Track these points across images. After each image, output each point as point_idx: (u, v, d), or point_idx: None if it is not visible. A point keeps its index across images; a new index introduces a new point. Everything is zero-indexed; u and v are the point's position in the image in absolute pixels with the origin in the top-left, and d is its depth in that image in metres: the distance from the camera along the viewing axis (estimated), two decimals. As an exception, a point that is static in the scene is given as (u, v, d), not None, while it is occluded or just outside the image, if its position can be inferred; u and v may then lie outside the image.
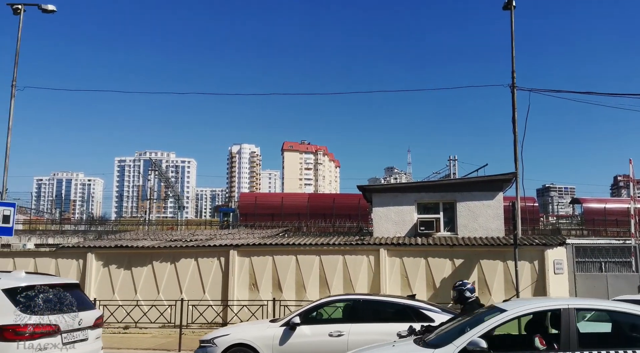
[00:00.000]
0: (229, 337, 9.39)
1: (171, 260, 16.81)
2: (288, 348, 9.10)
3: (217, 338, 9.44)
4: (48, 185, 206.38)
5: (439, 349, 5.87)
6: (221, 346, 9.27)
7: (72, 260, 16.98)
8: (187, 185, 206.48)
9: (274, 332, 9.24)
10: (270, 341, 9.15)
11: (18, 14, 19.46)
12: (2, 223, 16.99)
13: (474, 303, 8.78)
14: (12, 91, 19.48)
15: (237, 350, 9.24)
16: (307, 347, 9.05)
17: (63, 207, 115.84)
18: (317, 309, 9.73)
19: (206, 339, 9.62)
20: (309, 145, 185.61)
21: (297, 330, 9.17)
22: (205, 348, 9.44)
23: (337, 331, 9.02)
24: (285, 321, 9.39)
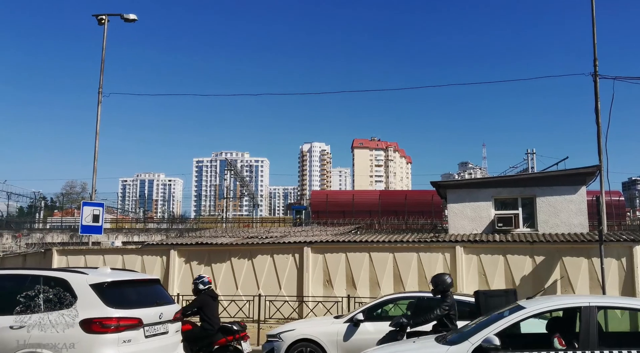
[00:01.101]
0: (294, 332, 9.60)
1: (248, 257, 17.27)
2: (351, 344, 9.16)
3: (283, 333, 9.69)
4: (132, 185, 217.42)
5: (454, 346, 5.89)
6: (287, 341, 9.50)
7: (157, 257, 17.80)
8: (261, 183, 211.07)
9: (337, 328, 9.34)
10: (334, 337, 9.26)
11: (102, 25, 20.65)
12: (93, 222, 18.20)
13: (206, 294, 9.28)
14: (99, 97, 20.71)
15: (302, 345, 9.42)
16: (370, 343, 9.00)
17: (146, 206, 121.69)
18: (380, 306, 9.76)
19: (273, 334, 9.90)
20: (379, 141, 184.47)
21: (361, 327, 9.23)
22: (272, 342, 9.71)
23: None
24: (349, 317, 9.47)
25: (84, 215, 17.74)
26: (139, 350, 7.19)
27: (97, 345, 6.80)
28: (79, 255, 18.00)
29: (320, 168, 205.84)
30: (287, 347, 9.45)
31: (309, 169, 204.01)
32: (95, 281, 7.29)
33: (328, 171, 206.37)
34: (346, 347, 9.19)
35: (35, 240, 42.30)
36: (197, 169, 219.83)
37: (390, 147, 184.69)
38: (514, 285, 15.33)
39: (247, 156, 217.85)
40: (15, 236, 44.97)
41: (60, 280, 7.32)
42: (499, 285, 15.36)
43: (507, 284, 15.42)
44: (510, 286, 15.36)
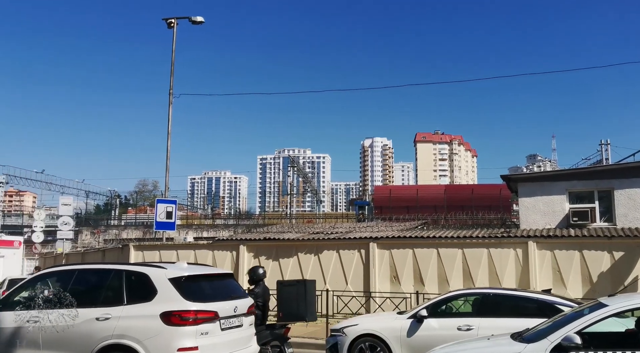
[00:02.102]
0: (357, 327, 9.62)
1: (314, 252, 17.42)
2: (415, 340, 9.09)
3: (346, 328, 9.72)
4: (200, 183, 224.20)
5: (532, 344, 5.67)
6: (350, 335, 9.52)
7: (227, 252, 18.29)
8: (323, 180, 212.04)
9: (401, 324, 9.28)
10: (398, 333, 9.20)
11: (171, 28, 21.36)
12: (166, 218, 18.88)
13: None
14: (170, 99, 21.48)
15: (365, 340, 9.41)
16: (435, 339, 8.87)
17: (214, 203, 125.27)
18: (445, 302, 9.62)
19: (336, 328, 9.95)
20: (442, 135, 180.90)
21: (425, 323, 9.13)
22: (335, 337, 9.77)
23: (466, 325, 8.82)
24: (412, 313, 9.39)
25: (158, 212, 18.45)
26: (215, 342, 7.36)
27: (176, 336, 7.02)
28: (154, 250, 18.77)
29: (382, 163, 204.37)
30: (350, 342, 9.49)
31: (371, 164, 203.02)
32: (173, 275, 7.51)
33: (390, 166, 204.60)
34: (409, 343, 9.14)
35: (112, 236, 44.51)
36: (261, 166, 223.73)
37: (454, 140, 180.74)
38: (591, 282, 14.66)
39: (308, 153, 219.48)
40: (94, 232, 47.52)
41: (141, 275, 7.62)
42: (575, 282, 14.75)
43: (583, 281, 14.78)
44: (587, 283, 14.70)
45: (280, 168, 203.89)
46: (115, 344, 7.12)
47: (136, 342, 7.02)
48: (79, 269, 8.40)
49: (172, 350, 6.97)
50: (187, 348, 7.03)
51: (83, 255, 27.08)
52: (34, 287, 8.61)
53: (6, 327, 7.75)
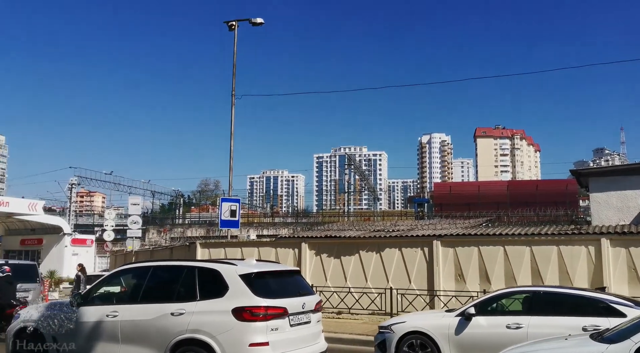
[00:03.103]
0: (405, 324, 9.60)
1: (376, 250, 17.33)
2: (463, 338, 8.98)
3: (394, 325, 9.71)
4: (259, 182, 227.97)
5: (614, 345, 5.45)
6: (398, 332, 9.49)
7: (289, 249, 18.48)
8: (380, 177, 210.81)
9: (449, 322, 9.18)
10: (446, 330, 9.11)
11: (232, 30, 21.78)
12: (230, 217, 19.32)
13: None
14: (232, 100, 21.92)
15: (413, 337, 9.37)
16: (483, 338, 8.83)
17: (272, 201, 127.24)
18: (494, 300, 9.45)
19: (385, 325, 9.96)
20: (503, 129, 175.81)
21: (473, 321, 9.01)
22: (384, 333, 9.77)
23: (516, 323, 8.63)
24: (460, 311, 9.30)
25: (223, 211, 18.91)
26: (285, 338, 7.45)
27: (248, 332, 7.15)
28: (220, 248, 19.23)
29: (441, 159, 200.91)
30: (398, 339, 9.47)
31: (429, 161, 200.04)
32: (243, 272, 7.65)
33: (449, 162, 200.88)
34: (458, 341, 9.04)
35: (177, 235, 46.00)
36: (317, 164, 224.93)
37: (516, 135, 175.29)
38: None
39: (365, 150, 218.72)
40: (161, 231, 49.26)
41: (213, 271, 7.80)
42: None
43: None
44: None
45: (336, 166, 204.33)
46: (189, 339, 7.31)
47: (210, 337, 7.19)
48: (154, 266, 8.66)
49: (244, 345, 7.11)
50: (259, 344, 7.14)
51: (152, 253, 28.09)
52: (113, 282, 9.02)
53: (88, 321, 8.12)
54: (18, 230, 42.11)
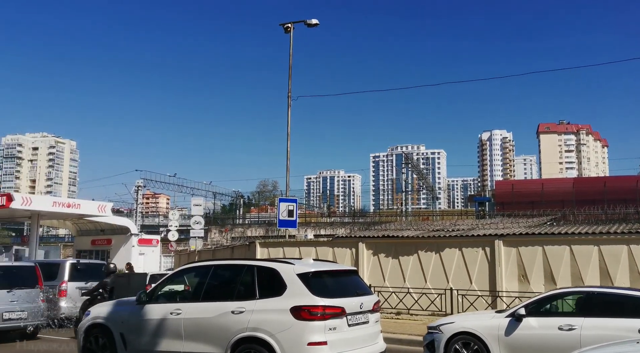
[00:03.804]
0: (454, 324, 9.49)
1: (435, 250, 17.06)
2: (514, 339, 8.80)
3: (443, 325, 9.60)
4: (315, 182, 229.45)
5: None
6: (447, 333, 9.38)
7: (346, 249, 18.49)
8: (438, 176, 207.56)
9: (499, 322, 9.01)
10: (496, 331, 8.94)
11: (288, 32, 22.02)
12: (288, 216, 19.55)
13: None
14: (288, 101, 22.16)
15: (462, 337, 9.25)
16: (534, 339, 8.64)
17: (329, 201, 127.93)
18: (545, 301, 9.23)
19: (433, 325, 9.87)
20: (568, 125, 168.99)
21: (524, 322, 8.82)
22: (432, 334, 9.68)
23: (568, 325, 8.37)
24: (510, 312, 9.13)
25: (280, 211, 19.17)
26: (343, 338, 7.45)
27: (306, 331, 7.21)
28: (278, 247, 19.49)
29: (502, 157, 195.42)
30: (447, 339, 9.36)
31: (490, 159, 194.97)
32: (301, 271, 7.71)
33: (511, 160, 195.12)
34: (508, 342, 8.85)
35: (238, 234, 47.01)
36: (374, 164, 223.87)
37: (581, 130, 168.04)
38: None
39: (422, 149, 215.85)
40: (222, 231, 50.50)
41: (271, 270, 7.91)
42: None
43: None
44: None
45: (393, 165, 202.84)
46: (249, 337, 7.43)
47: (269, 335, 7.29)
48: (215, 265, 8.88)
49: (302, 344, 7.16)
50: (317, 343, 7.18)
51: (214, 252, 28.83)
52: (176, 281, 9.32)
53: (152, 319, 8.42)
54: (89, 231, 44.15)
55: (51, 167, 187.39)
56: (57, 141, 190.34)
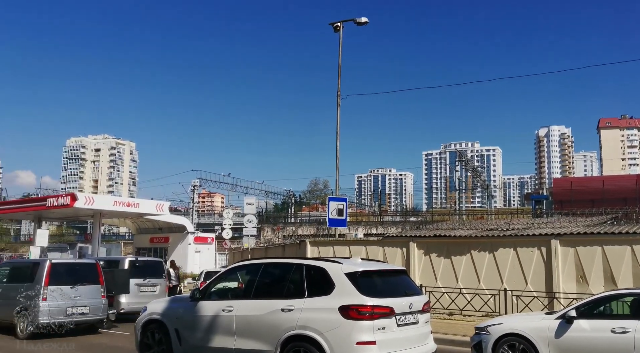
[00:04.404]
0: (502, 325, 9.32)
1: (489, 250, 16.70)
2: (564, 342, 8.56)
3: (490, 327, 9.44)
4: (366, 181, 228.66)
5: None
6: (494, 334, 9.21)
7: (397, 248, 18.36)
8: (493, 173, 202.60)
9: (549, 324, 8.78)
10: (545, 333, 8.73)
11: (337, 31, 22.05)
12: (338, 215, 19.61)
13: None
14: (337, 100, 22.19)
15: (510, 339, 9.06)
16: (585, 342, 8.38)
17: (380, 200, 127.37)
18: (597, 303, 8.94)
19: (481, 326, 9.71)
20: (631, 119, 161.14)
21: (574, 324, 8.57)
22: (479, 335, 9.53)
23: (622, 328, 8.11)
24: (560, 314, 8.90)
25: (330, 210, 19.25)
26: (392, 338, 7.41)
27: (355, 330, 7.21)
28: (328, 246, 19.58)
29: (561, 153, 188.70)
30: (494, 341, 9.19)
31: (547, 155, 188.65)
32: (349, 270, 7.72)
33: (570, 156, 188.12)
34: (558, 345, 8.61)
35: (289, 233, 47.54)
36: (426, 162, 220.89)
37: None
38: None
39: (477, 146, 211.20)
40: (274, 229, 51.23)
41: (320, 269, 7.96)
42: None
43: None
44: None
45: (446, 163, 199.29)
46: (298, 335, 7.51)
47: (318, 333, 7.34)
48: (265, 263, 9.01)
49: (351, 343, 7.17)
50: (366, 343, 7.17)
51: (266, 250, 29.27)
52: (228, 279, 9.54)
53: (205, 315, 8.63)
54: (147, 229, 45.84)
55: (112, 167, 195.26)
56: (117, 143, 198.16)
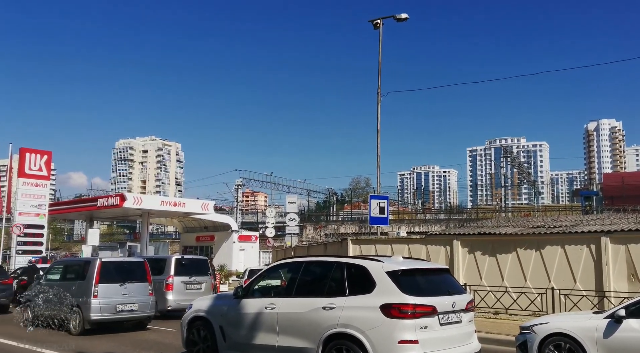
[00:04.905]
0: (548, 325, 9.08)
1: (536, 247, 16.31)
2: (613, 342, 8.29)
3: (536, 326, 9.22)
4: (409, 178, 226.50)
5: None
6: (540, 334, 8.99)
7: (440, 246, 18.15)
8: (541, 169, 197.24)
9: (597, 324, 8.51)
10: (593, 333, 8.47)
11: (377, 29, 21.97)
12: (379, 213, 19.54)
13: None
14: (378, 98, 22.12)
15: (557, 339, 8.81)
16: (635, 342, 8.10)
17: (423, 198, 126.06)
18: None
19: (526, 326, 9.50)
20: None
21: (624, 324, 8.28)
22: (524, 334, 9.33)
23: None
24: (609, 313, 8.63)
25: (372, 208, 19.20)
26: (434, 337, 7.34)
27: (397, 329, 7.17)
28: (370, 245, 19.53)
29: (611, 148, 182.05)
30: (540, 340, 8.96)
31: (597, 150, 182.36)
32: (390, 268, 7.68)
33: (621, 151, 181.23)
34: (606, 345, 8.33)
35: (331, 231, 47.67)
36: (470, 158, 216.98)
37: None
38: None
39: (523, 141, 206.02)
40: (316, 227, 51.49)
41: (360, 267, 7.95)
42: None
43: None
44: None
45: (491, 159, 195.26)
46: (340, 333, 7.51)
47: (359, 332, 7.33)
48: (306, 261, 9.07)
49: (393, 342, 7.14)
50: (408, 342, 7.12)
51: (308, 249, 29.45)
52: (270, 276, 9.66)
53: (249, 313, 8.76)
54: (193, 228, 46.86)
55: (159, 168, 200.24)
56: (164, 144, 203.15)
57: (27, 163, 31.30)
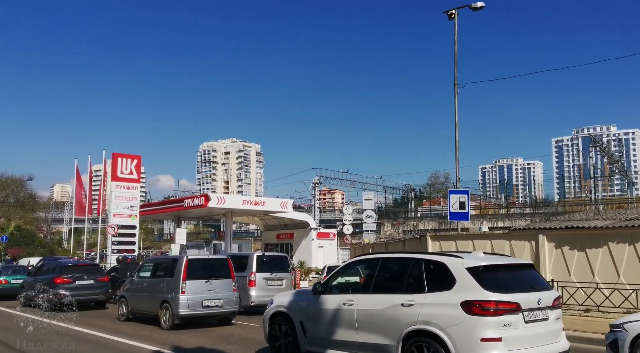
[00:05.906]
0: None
1: (629, 241, 15.34)
2: None
3: (627, 324, 8.59)
4: (491, 172, 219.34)
5: None
6: (632, 332, 8.34)
7: (524, 241, 17.48)
8: (634, 158, 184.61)
9: None
10: None
11: (452, 19, 21.47)
12: (459, 209, 19.12)
13: None
14: (455, 89, 21.61)
15: None
16: None
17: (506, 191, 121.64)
18: None
19: (616, 323, 8.89)
20: None
21: None
22: (615, 332, 8.72)
23: None
24: None
25: (451, 203, 18.81)
26: (519, 335, 7.11)
27: (479, 326, 7.01)
28: (450, 241, 19.15)
29: None
30: (632, 339, 8.31)
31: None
32: (471, 265, 7.51)
33: None
34: None
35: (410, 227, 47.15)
36: (556, 149, 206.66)
37: None
38: None
39: (613, 129, 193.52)
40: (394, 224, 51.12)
41: (439, 264, 7.83)
42: None
43: None
44: None
45: (579, 149, 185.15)
46: (420, 330, 7.45)
47: (440, 329, 7.23)
48: (383, 257, 9.04)
49: (475, 339, 6.99)
50: (491, 339, 6.95)
51: (386, 245, 29.34)
52: (347, 273, 9.72)
53: (328, 309, 8.87)
54: (274, 226, 48.01)
55: (241, 169, 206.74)
56: (244, 145, 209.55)
57: (119, 167, 33.23)
